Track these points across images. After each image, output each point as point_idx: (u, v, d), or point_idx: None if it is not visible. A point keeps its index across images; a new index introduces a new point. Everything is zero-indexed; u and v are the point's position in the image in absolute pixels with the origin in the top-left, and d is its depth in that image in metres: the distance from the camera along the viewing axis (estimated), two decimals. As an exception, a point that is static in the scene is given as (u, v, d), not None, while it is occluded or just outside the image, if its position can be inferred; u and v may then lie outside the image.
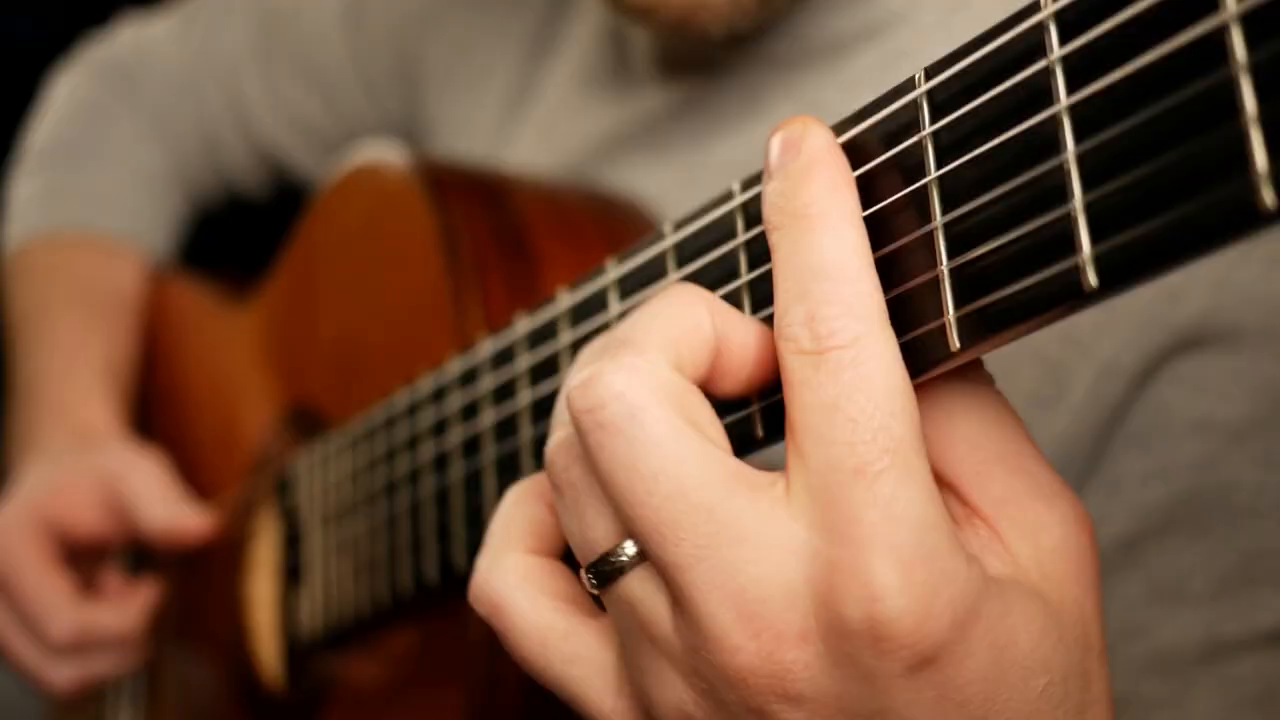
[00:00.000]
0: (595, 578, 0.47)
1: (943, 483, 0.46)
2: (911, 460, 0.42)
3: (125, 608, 1.04)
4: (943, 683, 0.42)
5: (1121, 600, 0.69)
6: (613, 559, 0.46)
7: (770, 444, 0.49)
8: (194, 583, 1.08)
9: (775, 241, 0.45)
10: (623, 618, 0.47)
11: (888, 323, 0.43)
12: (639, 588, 0.46)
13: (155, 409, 1.20)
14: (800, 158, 0.45)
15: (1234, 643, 0.67)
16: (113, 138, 1.27)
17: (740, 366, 0.48)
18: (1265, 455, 0.66)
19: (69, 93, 1.30)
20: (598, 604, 0.49)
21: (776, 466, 0.45)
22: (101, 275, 1.21)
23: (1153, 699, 0.68)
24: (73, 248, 1.22)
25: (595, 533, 0.46)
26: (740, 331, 0.48)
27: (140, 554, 1.13)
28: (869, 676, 0.42)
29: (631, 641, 0.47)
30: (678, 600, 0.44)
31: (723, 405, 0.50)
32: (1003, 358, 0.69)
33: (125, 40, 1.31)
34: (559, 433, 0.48)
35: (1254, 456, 0.66)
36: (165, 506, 1.03)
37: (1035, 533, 0.45)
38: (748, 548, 0.42)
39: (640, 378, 0.44)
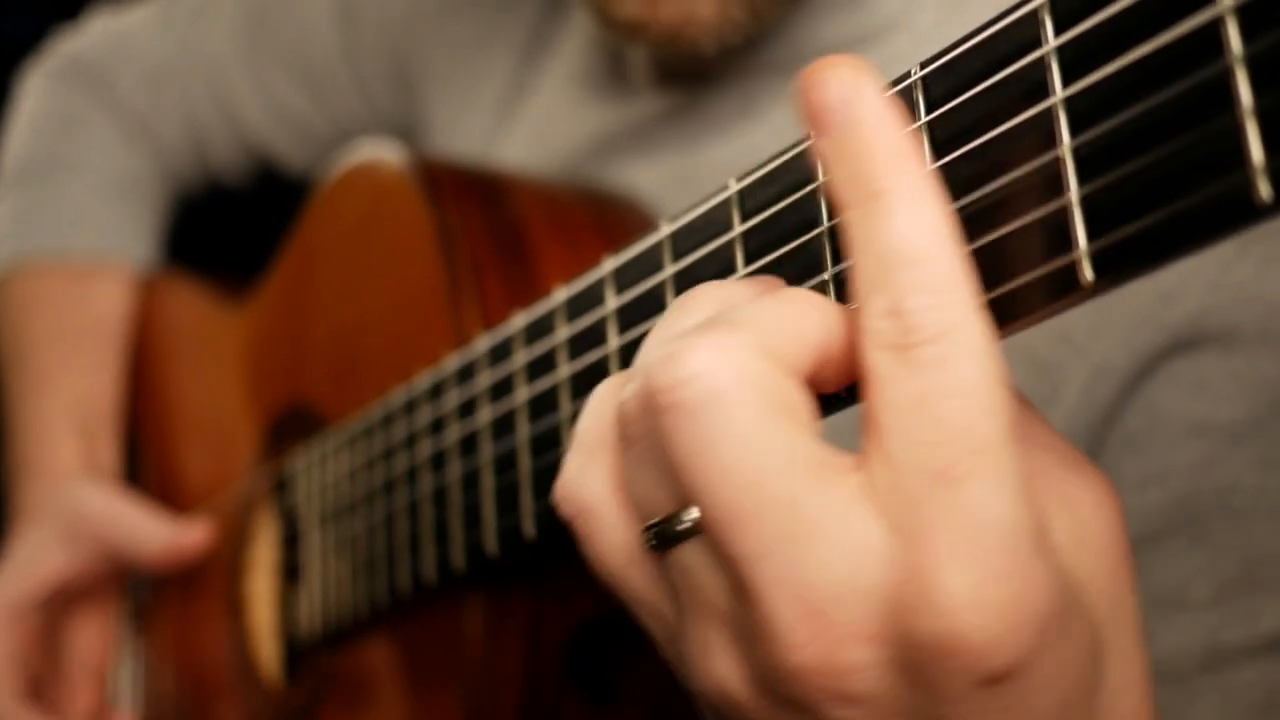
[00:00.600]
0: (655, 539, 0.44)
1: None
2: (1003, 460, 0.39)
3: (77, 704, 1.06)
4: (1014, 696, 0.40)
5: None
6: (673, 526, 0.43)
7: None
8: (193, 583, 1.08)
9: (848, 222, 0.41)
10: (680, 581, 0.44)
11: (978, 305, 0.40)
12: (698, 558, 0.43)
13: (149, 413, 1.20)
14: (856, 122, 0.41)
15: (1236, 650, 0.66)
16: (85, 147, 1.23)
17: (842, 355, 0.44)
18: (1264, 457, 0.65)
19: (38, 100, 1.27)
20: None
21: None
22: (75, 305, 1.18)
23: (1157, 707, 0.68)
24: (48, 276, 1.19)
25: (658, 496, 0.44)
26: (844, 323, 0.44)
27: (139, 583, 1.14)
28: (934, 686, 0.40)
29: (687, 606, 0.45)
30: (740, 588, 0.42)
31: None
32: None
33: (97, 34, 1.28)
34: (637, 382, 0.44)
35: (1253, 458, 0.65)
36: (157, 530, 1.04)
37: (1069, 505, 0.43)
38: (823, 544, 0.40)
39: (729, 355, 0.41)
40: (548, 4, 1.00)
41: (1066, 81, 0.40)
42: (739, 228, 0.51)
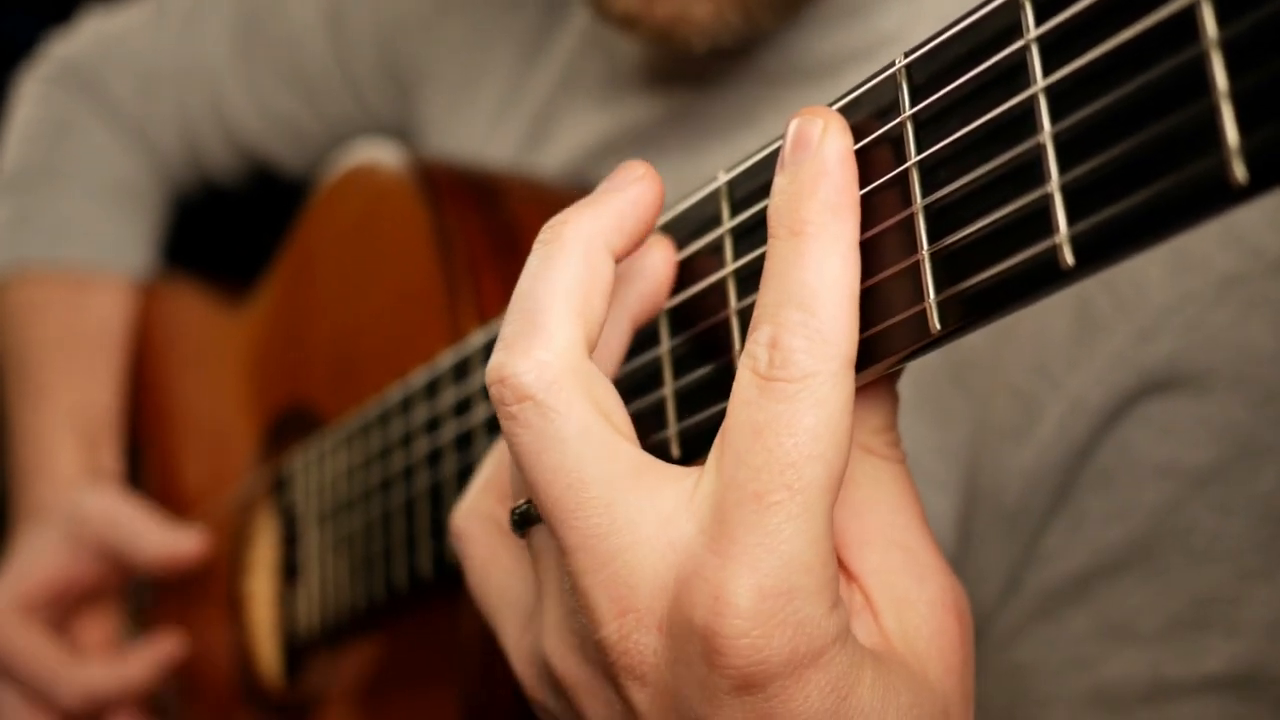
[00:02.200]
0: (515, 520, 0.51)
1: None
2: (812, 503, 0.43)
3: (130, 663, 1.06)
4: (768, 712, 0.43)
5: (1071, 633, 0.69)
6: (527, 509, 0.50)
7: (688, 463, 0.51)
8: (193, 582, 1.08)
9: (770, 250, 0.45)
10: (536, 563, 0.51)
11: (849, 368, 0.43)
12: (546, 541, 0.50)
13: (149, 416, 1.20)
14: (812, 162, 0.45)
15: (1177, 684, 0.66)
16: (80, 153, 1.23)
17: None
18: (1224, 501, 0.66)
19: (33, 106, 1.27)
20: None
21: None
22: (74, 313, 1.19)
23: None
24: (46, 283, 1.19)
25: (519, 482, 0.51)
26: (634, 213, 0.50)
27: (139, 583, 1.15)
28: (701, 683, 0.44)
29: (542, 587, 0.51)
30: (567, 569, 0.46)
31: (643, 424, 0.53)
32: (978, 385, 0.70)
33: (90, 37, 1.27)
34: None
35: (1213, 502, 0.66)
36: (158, 537, 1.05)
37: (902, 607, 0.47)
38: (634, 540, 0.45)
39: (549, 373, 0.46)
40: (546, 8, 1.00)
41: (1047, 69, 0.40)
42: (728, 222, 0.52)
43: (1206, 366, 0.65)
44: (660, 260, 0.54)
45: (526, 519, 0.50)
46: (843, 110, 0.47)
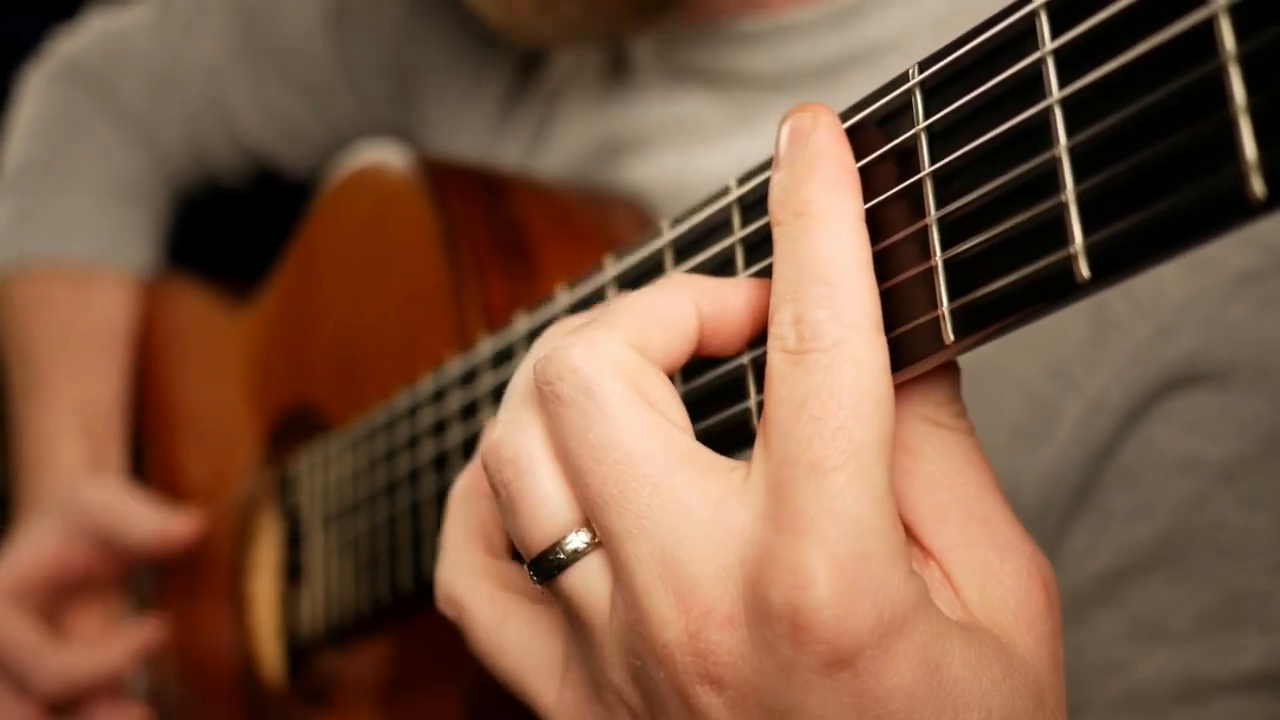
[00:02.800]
0: (536, 573, 0.47)
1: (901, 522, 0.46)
2: (869, 465, 0.42)
3: (108, 648, 1.06)
4: (861, 690, 0.42)
5: (1101, 636, 0.69)
6: (553, 555, 0.47)
7: None
8: (195, 582, 1.08)
9: (776, 236, 0.45)
10: (566, 608, 0.48)
11: (878, 330, 0.43)
12: (580, 579, 0.46)
13: (153, 415, 1.20)
14: (806, 150, 0.45)
15: (1212, 683, 0.66)
16: (84, 151, 1.23)
17: (737, 334, 0.49)
18: (1251, 496, 0.66)
19: (37, 104, 1.27)
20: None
21: None
22: (77, 310, 1.19)
23: None
24: (48, 280, 1.19)
25: (539, 520, 0.47)
26: (737, 304, 0.49)
27: (140, 582, 1.15)
28: (787, 668, 0.42)
29: (575, 630, 0.48)
30: (618, 575, 0.45)
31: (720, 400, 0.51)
32: (991, 391, 0.70)
33: (94, 35, 1.27)
34: (504, 417, 0.49)
35: (1240, 497, 0.66)
36: (148, 518, 1.05)
37: (984, 579, 0.46)
38: (689, 524, 0.43)
39: (597, 351, 0.45)
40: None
41: (1063, 81, 0.40)
42: (739, 232, 0.52)
43: (1227, 360, 0.65)
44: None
45: (547, 567, 0.47)
46: (856, 120, 0.47)
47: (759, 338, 0.49)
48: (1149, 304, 0.66)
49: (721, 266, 0.52)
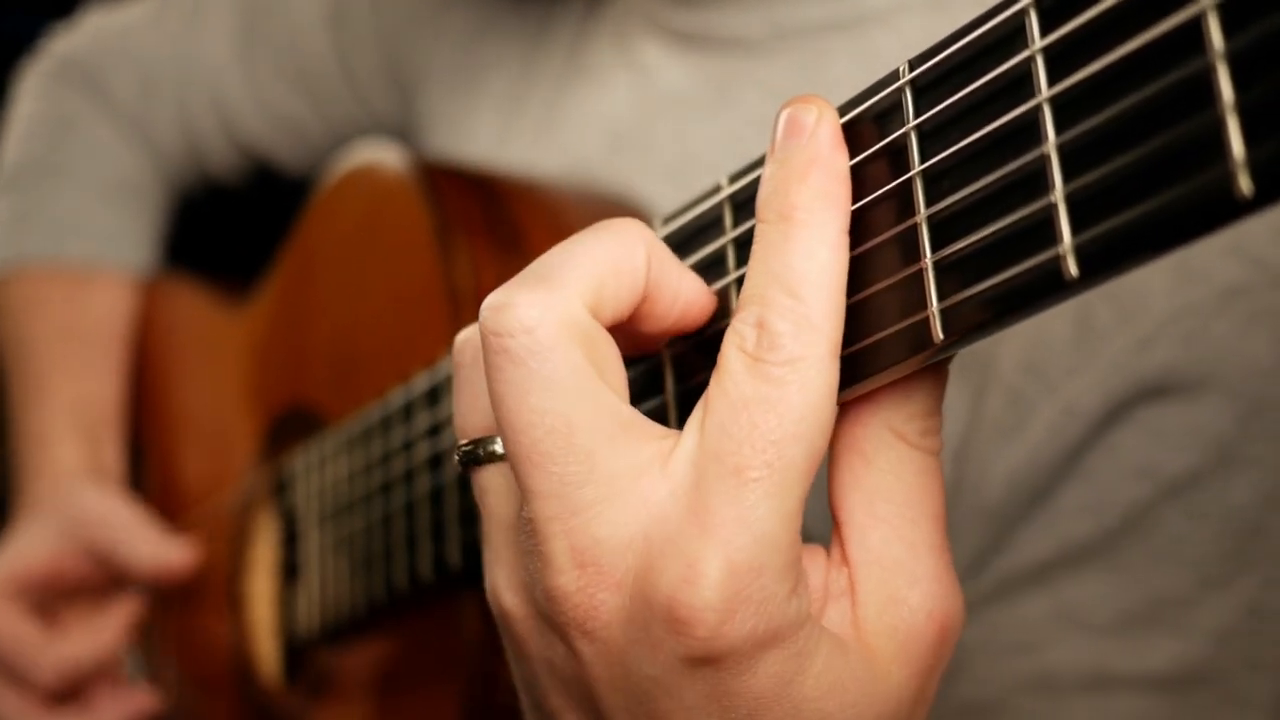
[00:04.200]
0: (461, 457, 0.50)
1: (833, 519, 0.47)
2: (790, 483, 0.43)
3: (100, 630, 1.06)
4: (716, 683, 0.44)
5: (1022, 617, 0.69)
6: (478, 451, 0.50)
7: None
8: (193, 581, 1.08)
9: (757, 234, 0.45)
10: (480, 499, 0.50)
11: (834, 355, 0.44)
12: (496, 481, 0.49)
13: (151, 415, 1.20)
14: (803, 150, 0.45)
15: (1119, 678, 0.67)
16: (81, 150, 1.23)
17: (664, 314, 0.49)
18: (1195, 508, 0.66)
19: (34, 103, 1.26)
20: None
21: None
22: (75, 309, 1.19)
23: (1026, 713, 0.68)
24: (46, 280, 1.19)
25: (473, 418, 0.50)
26: (673, 280, 0.49)
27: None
28: (655, 647, 0.44)
29: (487, 523, 0.51)
30: (527, 517, 0.46)
31: (641, 388, 0.53)
32: (980, 383, 0.70)
33: (91, 34, 1.27)
34: (471, 328, 0.51)
35: (1185, 508, 0.66)
36: (148, 546, 1.06)
37: (884, 602, 0.46)
38: (609, 488, 0.44)
39: (552, 314, 0.45)
40: (547, 6, 1.00)
41: (1053, 79, 0.40)
42: (731, 232, 0.52)
43: (1201, 375, 0.65)
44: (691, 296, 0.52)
45: (474, 458, 0.50)
46: (848, 118, 0.47)
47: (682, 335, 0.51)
48: (1133, 313, 0.66)
49: (713, 265, 0.52)
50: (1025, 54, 0.41)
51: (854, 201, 0.46)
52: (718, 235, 0.52)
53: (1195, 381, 0.65)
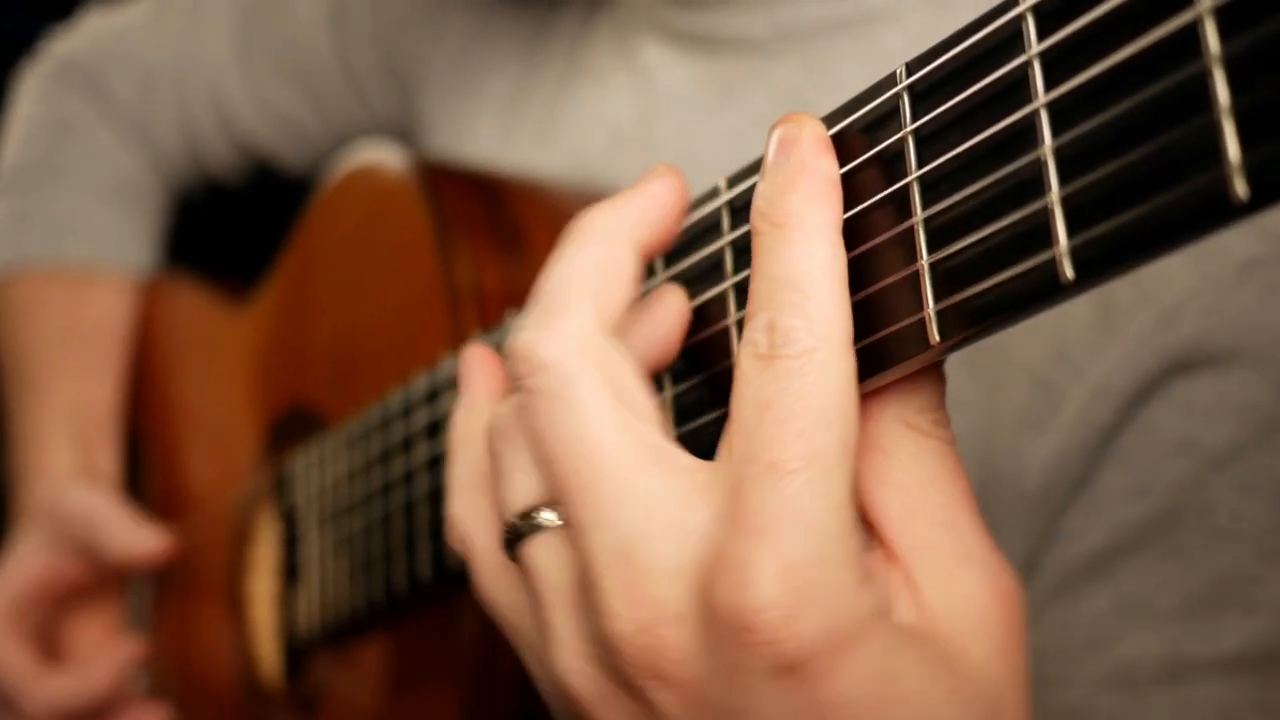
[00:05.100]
0: (510, 536, 0.49)
1: (866, 522, 0.46)
2: (829, 470, 0.42)
3: (95, 669, 1.06)
4: (808, 696, 0.41)
5: (1089, 612, 0.69)
6: (520, 524, 0.48)
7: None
8: (194, 582, 1.08)
9: (755, 246, 0.46)
10: (533, 579, 0.49)
11: (847, 343, 0.43)
12: (548, 549, 0.48)
13: (151, 415, 1.20)
14: (789, 162, 0.46)
15: (1195, 664, 0.66)
16: (81, 151, 1.23)
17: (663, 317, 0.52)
18: (1244, 481, 0.66)
19: (34, 104, 1.26)
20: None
21: None
22: (74, 311, 1.19)
23: (1109, 713, 0.68)
24: (45, 281, 1.19)
25: (514, 491, 0.49)
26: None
27: (140, 583, 1.15)
28: (734, 669, 0.42)
29: (534, 604, 0.49)
30: (581, 563, 0.45)
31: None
32: (996, 373, 0.70)
33: (90, 35, 1.27)
34: (505, 406, 0.51)
35: (1233, 482, 0.66)
36: (123, 534, 1.06)
37: (946, 585, 0.45)
38: (648, 521, 0.44)
39: (572, 345, 0.46)
40: (548, 5, 1.00)
41: (1049, 84, 0.40)
42: (728, 235, 0.52)
43: (1229, 346, 0.65)
44: (671, 309, 0.53)
45: (521, 533, 0.49)
46: (845, 124, 0.47)
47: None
48: (1154, 290, 0.66)
49: (711, 269, 0.52)
50: (1022, 59, 0.41)
51: (852, 205, 0.46)
52: (715, 238, 0.52)
53: (1223, 353, 0.65)
